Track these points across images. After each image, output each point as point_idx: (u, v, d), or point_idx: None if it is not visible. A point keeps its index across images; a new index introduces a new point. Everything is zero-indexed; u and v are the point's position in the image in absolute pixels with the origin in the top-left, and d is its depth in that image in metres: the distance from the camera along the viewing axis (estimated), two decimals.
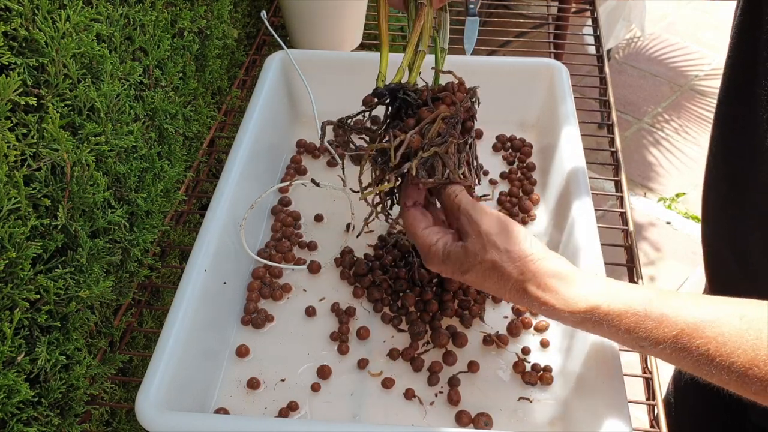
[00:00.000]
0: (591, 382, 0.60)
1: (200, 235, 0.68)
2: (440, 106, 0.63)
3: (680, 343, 0.47)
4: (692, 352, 0.46)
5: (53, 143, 0.57)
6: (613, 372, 0.58)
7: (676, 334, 0.47)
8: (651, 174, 2.23)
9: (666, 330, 0.47)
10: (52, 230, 0.59)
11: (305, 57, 0.91)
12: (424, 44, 0.67)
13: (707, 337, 0.46)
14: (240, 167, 0.76)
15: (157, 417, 0.55)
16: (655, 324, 0.48)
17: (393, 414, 0.64)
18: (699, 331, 0.46)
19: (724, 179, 0.64)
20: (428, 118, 0.62)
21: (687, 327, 0.47)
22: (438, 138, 0.62)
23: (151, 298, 0.83)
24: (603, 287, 0.52)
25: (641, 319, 0.49)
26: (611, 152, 0.92)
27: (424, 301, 0.72)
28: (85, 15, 0.60)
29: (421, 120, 0.62)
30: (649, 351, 0.49)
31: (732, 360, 0.45)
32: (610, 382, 0.57)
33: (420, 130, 0.61)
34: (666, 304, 0.48)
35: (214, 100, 0.98)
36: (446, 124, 0.62)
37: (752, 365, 0.44)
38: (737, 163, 0.61)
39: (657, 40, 2.77)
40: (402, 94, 0.64)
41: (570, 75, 0.88)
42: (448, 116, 0.63)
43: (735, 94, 0.60)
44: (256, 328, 0.71)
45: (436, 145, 0.61)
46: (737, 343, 0.45)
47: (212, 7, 0.92)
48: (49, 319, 0.58)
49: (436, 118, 0.62)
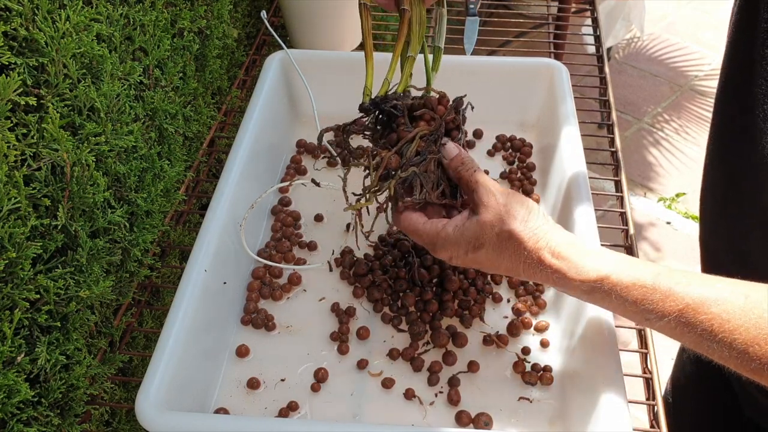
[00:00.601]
0: (591, 382, 0.60)
1: (200, 235, 0.68)
2: (419, 123, 0.63)
3: (685, 318, 0.48)
4: (696, 327, 0.47)
5: (53, 143, 0.57)
6: (613, 372, 0.58)
7: (682, 309, 0.48)
8: (651, 174, 2.23)
9: (672, 304, 0.48)
10: (52, 230, 0.59)
11: (305, 57, 0.91)
12: (413, 50, 0.66)
13: (712, 313, 0.46)
14: (240, 167, 0.76)
15: (157, 417, 0.55)
16: (662, 297, 0.49)
17: (393, 414, 0.64)
18: (704, 306, 0.47)
19: (722, 178, 0.64)
20: (406, 138, 0.62)
21: (693, 302, 0.47)
22: (417, 157, 0.62)
23: (151, 298, 0.83)
24: (614, 259, 0.53)
25: (649, 292, 0.49)
26: (611, 152, 0.92)
27: (424, 301, 0.72)
28: (85, 15, 0.60)
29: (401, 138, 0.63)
30: (654, 324, 0.50)
31: (734, 337, 0.45)
32: (610, 382, 0.57)
33: (398, 149, 0.62)
34: (674, 279, 0.49)
35: (214, 100, 0.98)
36: (425, 142, 0.63)
37: (753, 343, 0.45)
38: (735, 162, 0.61)
39: (657, 40, 2.77)
40: (388, 107, 0.64)
41: (570, 75, 0.88)
42: (426, 134, 0.63)
43: (733, 93, 0.60)
44: (256, 328, 0.71)
45: (415, 165, 0.62)
46: (740, 321, 0.45)
47: (212, 7, 0.92)
48: (49, 319, 0.58)
49: (414, 137, 0.62)
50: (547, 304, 0.73)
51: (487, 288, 0.74)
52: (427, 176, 0.62)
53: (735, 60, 0.59)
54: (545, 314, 0.72)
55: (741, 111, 0.57)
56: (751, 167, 0.56)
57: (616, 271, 0.51)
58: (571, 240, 0.55)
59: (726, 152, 0.63)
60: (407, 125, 0.63)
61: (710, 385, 0.75)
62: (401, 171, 0.61)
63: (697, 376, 0.78)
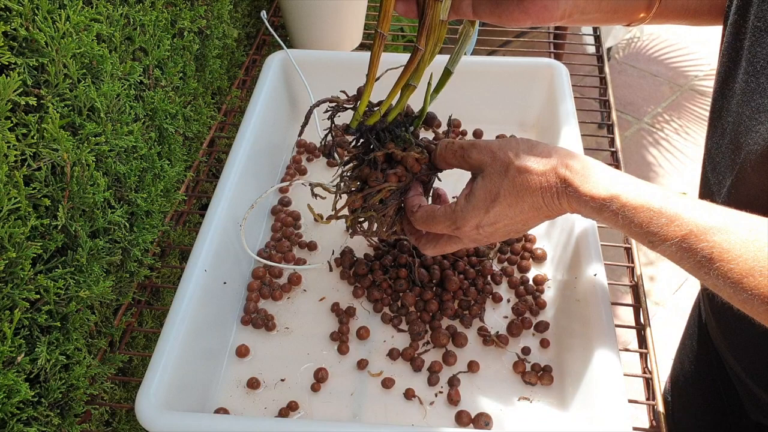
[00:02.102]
0: (591, 382, 0.60)
1: (200, 235, 0.68)
2: (390, 177, 0.64)
3: (686, 243, 0.48)
4: (696, 253, 0.47)
5: (53, 143, 0.57)
6: (613, 372, 0.58)
7: (685, 234, 0.48)
8: (651, 174, 2.23)
9: (676, 229, 0.48)
10: (52, 230, 0.59)
11: (305, 57, 0.91)
12: (415, 80, 0.61)
13: (713, 241, 0.47)
14: (240, 167, 0.76)
15: (157, 417, 0.55)
16: (666, 222, 0.49)
17: (393, 414, 0.64)
18: (707, 234, 0.47)
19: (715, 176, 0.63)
20: (374, 188, 0.64)
21: (696, 228, 0.48)
22: (380, 204, 0.64)
23: (151, 298, 0.83)
24: (625, 180, 0.53)
25: (655, 215, 0.49)
26: (611, 152, 0.92)
27: (424, 301, 0.72)
28: (85, 15, 0.60)
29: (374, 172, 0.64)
30: (656, 247, 0.50)
31: (731, 267, 0.46)
32: (610, 382, 0.57)
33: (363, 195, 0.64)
34: (682, 204, 0.49)
35: (214, 100, 0.98)
36: (390, 194, 0.64)
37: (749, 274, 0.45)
38: (720, 161, 0.60)
39: (657, 40, 2.77)
40: (373, 137, 0.64)
41: (570, 75, 0.88)
42: (394, 189, 0.64)
43: (721, 87, 0.59)
44: (256, 328, 0.71)
45: (376, 211, 0.65)
46: (740, 251, 0.45)
47: (212, 7, 0.92)
48: (49, 319, 0.58)
49: (381, 189, 0.64)
50: (547, 304, 0.73)
51: (487, 288, 0.74)
52: (383, 219, 0.65)
53: (726, 53, 0.59)
54: (545, 314, 0.72)
55: (729, 108, 0.57)
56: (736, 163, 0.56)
57: (625, 192, 0.51)
58: (586, 158, 0.55)
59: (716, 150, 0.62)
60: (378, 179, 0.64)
61: (711, 384, 0.75)
62: (360, 211, 0.65)
63: (697, 376, 0.78)
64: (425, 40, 0.58)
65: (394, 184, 0.64)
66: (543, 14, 0.63)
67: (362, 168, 0.65)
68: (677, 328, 0.81)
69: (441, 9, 0.58)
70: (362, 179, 0.65)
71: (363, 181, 0.65)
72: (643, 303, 0.72)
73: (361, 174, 0.65)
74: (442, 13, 0.58)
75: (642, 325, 0.71)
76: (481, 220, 0.57)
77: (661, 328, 1.78)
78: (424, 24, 0.58)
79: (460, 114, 0.92)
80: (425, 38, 0.58)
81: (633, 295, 0.74)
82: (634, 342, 0.72)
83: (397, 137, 0.64)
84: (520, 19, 0.63)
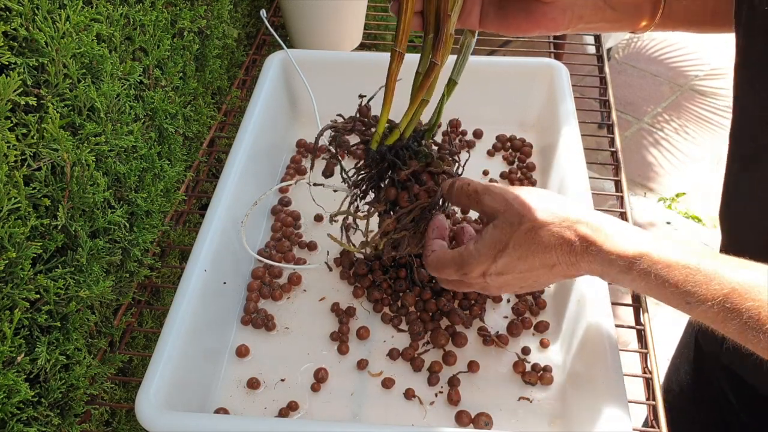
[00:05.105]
0: (591, 382, 0.60)
1: (200, 235, 0.68)
2: (422, 194, 0.64)
3: (730, 302, 0.44)
4: (742, 314, 0.43)
5: (53, 143, 0.57)
6: (613, 372, 0.58)
7: (728, 293, 0.44)
8: (651, 174, 2.23)
9: (717, 287, 0.44)
10: (52, 230, 0.59)
11: (305, 57, 0.91)
12: (428, 94, 0.62)
13: (760, 300, 0.43)
14: (240, 167, 0.76)
15: (157, 417, 0.55)
16: (705, 279, 0.45)
17: (393, 414, 0.64)
18: (752, 292, 0.43)
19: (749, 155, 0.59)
20: (406, 208, 0.63)
21: (740, 286, 0.44)
22: (411, 223, 0.64)
23: (151, 298, 0.83)
24: (653, 236, 0.49)
25: (692, 273, 0.45)
26: (611, 152, 0.92)
27: (424, 301, 0.72)
28: (85, 15, 0.60)
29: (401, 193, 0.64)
30: (695, 309, 0.46)
31: None
32: (610, 382, 0.57)
33: (397, 216, 0.64)
34: (720, 261, 0.45)
35: (214, 100, 0.98)
36: (422, 211, 0.64)
37: None
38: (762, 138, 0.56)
39: (657, 40, 2.77)
40: (392, 156, 0.64)
41: (570, 75, 0.88)
42: (425, 206, 0.64)
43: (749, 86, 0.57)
44: (256, 328, 0.71)
45: (408, 230, 0.64)
46: None
47: (212, 7, 0.92)
48: (49, 319, 0.58)
49: (414, 208, 0.63)
50: (547, 304, 0.73)
51: None
52: (415, 237, 0.65)
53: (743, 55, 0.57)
54: (545, 314, 0.72)
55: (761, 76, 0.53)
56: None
57: (656, 248, 0.47)
58: (605, 216, 0.51)
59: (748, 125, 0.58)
60: (410, 198, 0.64)
61: (706, 383, 0.74)
62: (394, 233, 0.65)
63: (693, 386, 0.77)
64: (441, 55, 0.59)
65: (425, 201, 0.64)
66: (550, 25, 0.62)
67: (387, 189, 0.64)
68: (677, 327, 0.81)
69: (452, 23, 0.58)
70: (390, 200, 0.64)
71: (391, 202, 0.65)
72: (643, 303, 0.72)
73: (388, 195, 0.64)
74: (451, 27, 0.58)
75: (642, 325, 0.71)
76: (488, 268, 0.55)
77: (661, 328, 1.78)
78: (440, 39, 0.58)
79: (460, 114, 0.92)
80: (441, 53, 0.59)
81: (633, 295, 0.74)
82: (634, 342, 0.72)
83: (416, 153, 0.64)
84: (527, 30, 0.62)
